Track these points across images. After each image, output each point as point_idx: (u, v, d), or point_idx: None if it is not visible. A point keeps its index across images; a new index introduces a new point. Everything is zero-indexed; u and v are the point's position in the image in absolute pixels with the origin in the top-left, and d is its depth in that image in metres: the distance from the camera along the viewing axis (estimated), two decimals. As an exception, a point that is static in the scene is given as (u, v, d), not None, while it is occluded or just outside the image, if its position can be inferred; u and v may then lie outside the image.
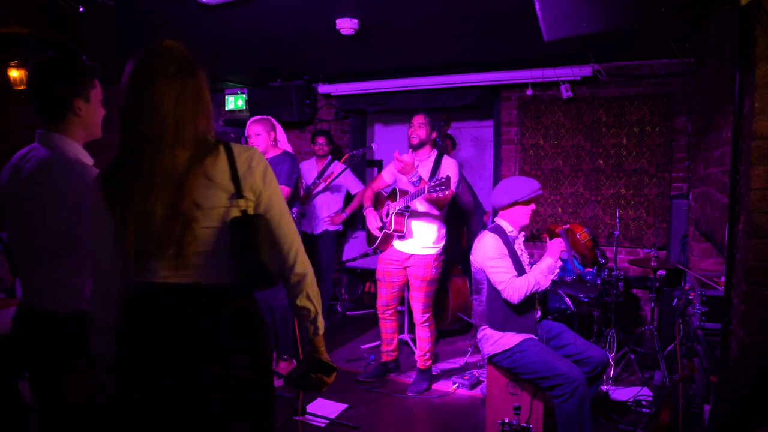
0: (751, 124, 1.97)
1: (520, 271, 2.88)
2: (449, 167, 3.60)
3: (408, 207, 3.55)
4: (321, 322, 1.61)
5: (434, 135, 3.66)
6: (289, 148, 4.00)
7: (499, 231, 2.96)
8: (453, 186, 3.54)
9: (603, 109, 4.83)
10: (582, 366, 2.79)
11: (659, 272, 4.18)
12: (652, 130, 4.67)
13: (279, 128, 3.97)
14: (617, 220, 4.11)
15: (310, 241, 5.13)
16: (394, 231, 3.61)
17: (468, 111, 5.76)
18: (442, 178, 3.17)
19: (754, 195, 1.97)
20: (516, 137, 5.20)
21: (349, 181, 5.15)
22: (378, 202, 3.86)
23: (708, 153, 3.11)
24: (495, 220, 3.04)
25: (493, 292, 2.90)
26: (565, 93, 4.75)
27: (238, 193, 1.44)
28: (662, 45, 4.02)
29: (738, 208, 2.14)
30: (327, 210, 5.14)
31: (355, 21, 3.46)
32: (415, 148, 3.65)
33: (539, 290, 2.79)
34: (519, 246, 3.01)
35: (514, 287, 2.77)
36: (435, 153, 3.66)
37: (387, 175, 3.87)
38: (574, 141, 4.96)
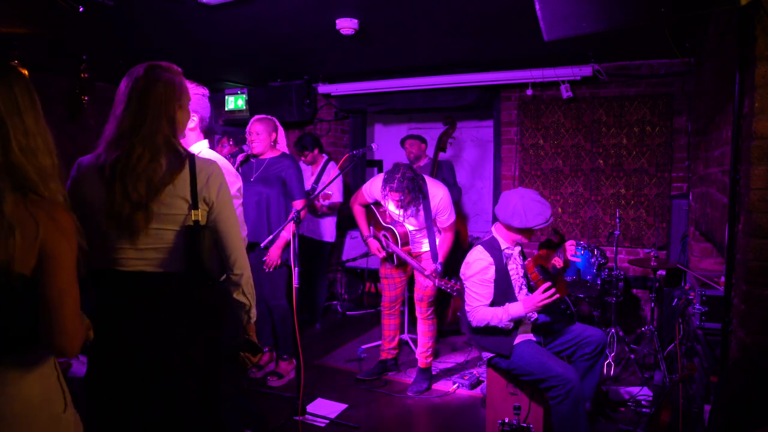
0: (751, 124, 1.97)
1: (507, 290, 2.84)
2: (440, 199, 3.54)
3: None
4: (254, 313, 1.91)
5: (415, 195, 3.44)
6: (287, 150, 3.99)
7: (493, 247, 2.86)
8: (451, 217, 3.62)
9: (603, 109, 4.83)
10: (585, 347, 2.90)
11: (659, 272, 4.18)
12: (652, 130, 4.67)
13: (281, 130, 3.95)
14: (617, 220, 4.11)
15: (317, 246, 5.12)
16: (398, 263, 3.73)
17: (468, 111, 5.76)
18: (453, 286, 3.30)
19: (754, 195, 1.97)
20: (516, 137, 5.20)
21: (335, 187, 5.01)
22: (371, 219, 3.87)
23: (708, 153, 3.11)
24: (493, 228, 2.96)
25: None
26: (565, 93, 4.75)
27: (194, 204, 1.71)
28: (662, 45, 4.02)
29: (738, 208, 2.14)
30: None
31: (355, 21, 3.46)
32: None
33: (499, 327, 2.78)
34: (513, 260, 2.93)
35: (477, 315, 2.80)
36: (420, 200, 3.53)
37: (368, 197, 3.76)
38: (574, 141, 4.96)
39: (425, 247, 3.72)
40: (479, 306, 2.81)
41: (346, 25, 3.46)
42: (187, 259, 1.72)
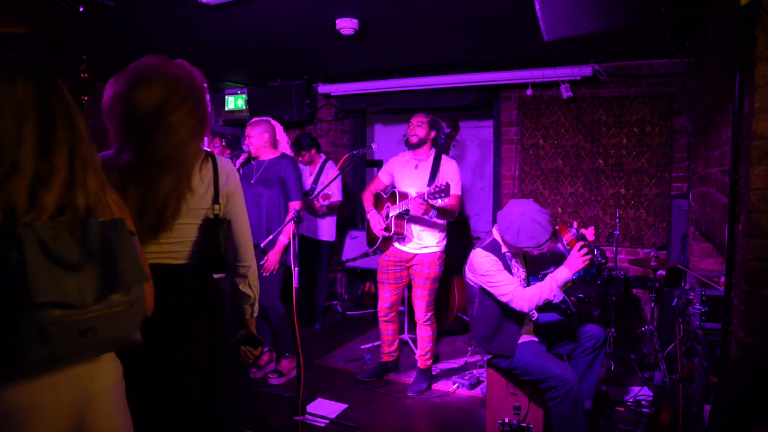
0: (751, 124, 1.97)
1: None
2: (449, 169, 3.60)
3: (408, 210, 3.48)
4: (257, 307, 1.97)
5: (433, 134, 3.65)
6: (288, 151, 3.98)
7: (495, 249, 2.82)
8: (456, 189, 3.54)
9: (603, 109, 4.83)
10: (585, 342, 2.95)
11: (659, 272, 4.18)
12: (652, 130, 4.67)
13: (279, 130, 3.93)
14: (617, 220, 4.11)
15: (317, 246, 5.12)
16: (395, 233, 3.60)
17: (468, 111, 5.76)
18: (441, 185, 3.12)
19: (754, 195, 1.97)
20: (516, 137, 5.20)
21: (334, 187, 4.99)
22: (378, 203, 3.84)
23: (708, 153, 3.11)
24: (494, 230, 2.90)
25: (482, 308, 2.86)
26: (565, 93, 4.75)
27: (216, 199, 1.79)
28: (662, 45, 4.02)
29: (738, 208, 2.14)
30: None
31: (355, 21, 3.46)
32: (414, 147, 3.65)
33: (552, 302, 2.70)
34: (515, 263, 2.91)
35: (523, 298, 2.67)
36: (434, 152, 3.66)
37: (384, 177, 3.86)
38: (574, 141, 4.96)
39: (427, 238, 3.61)
40: (516, 288, 2.70)
41: (346, 25, 3.46)
42: (207, 251, 1.77)
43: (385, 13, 3.35)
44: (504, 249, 2.85)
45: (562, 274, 2.68)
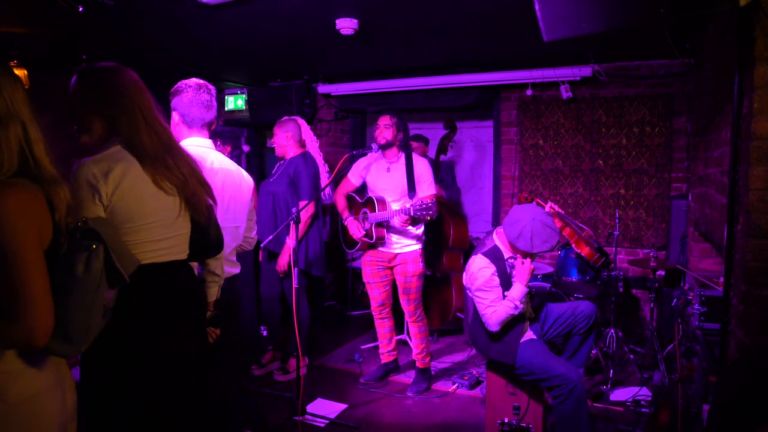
0: (751, 124, 1.97)
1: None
2: (422, 169, 3.59)
3: (388, 221, 3.53)
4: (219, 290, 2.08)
5: (401, 136, 3.60)
6: (311, 149, 3.98)
7: (495, 257, 2.82)
8: (431, 189, 3.58)
9: (603, 110, 4.83)
10: (581, 322, 2.98)
11: (659, 272, 4.18)
12: (651, 130, 4.68)
13: (305, 129, 3.95)
14: (617, 220, 4.11)
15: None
16: (377, 239, 3.62)
17: (468, 111, 5.76)
18: (427, 203, 3.19)
19: (753, 195, 1.97)
20: (516, 137, 5.20)
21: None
22: (352, 206, 3.81)
23: (707, 153, 3.12)
24: (495, 236, 2.90)
25: (477, 315, 2.89)
26: (565, 93, 4.75)
27: None
28: (662, 45, 4.02)
29: (737, 208, 2.14)
30: None
31: (355, 21, 3.46)
32: (383, 148, 3.61)
33: (514, 314, 2.77)
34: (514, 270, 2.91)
35: (492, 319, 2.76)
36: (403, 155, 3.62)
37: (354, 178, 3.80)
38: (573, 141, 4.97)
39: (406, 238, 3.60)
40: (494, 311, 2.77)
41: (346, 25, 3.46)
42: (207, 235, 1.82)
43: (385, 13, 3.36)
44: (506, 255, 2.85)
45: (515, 291, 2.75)
